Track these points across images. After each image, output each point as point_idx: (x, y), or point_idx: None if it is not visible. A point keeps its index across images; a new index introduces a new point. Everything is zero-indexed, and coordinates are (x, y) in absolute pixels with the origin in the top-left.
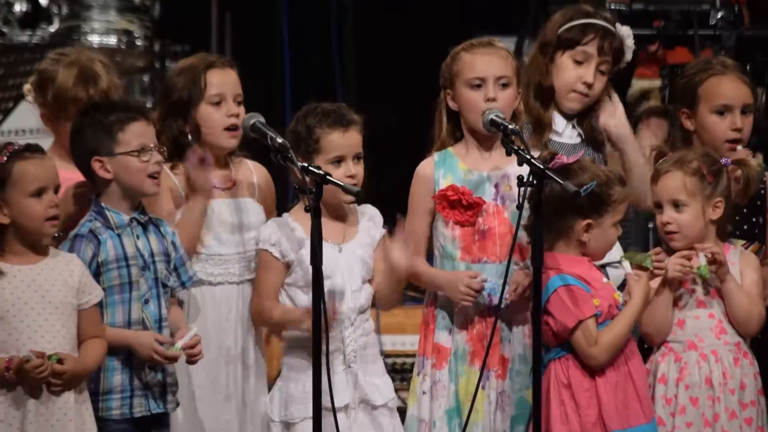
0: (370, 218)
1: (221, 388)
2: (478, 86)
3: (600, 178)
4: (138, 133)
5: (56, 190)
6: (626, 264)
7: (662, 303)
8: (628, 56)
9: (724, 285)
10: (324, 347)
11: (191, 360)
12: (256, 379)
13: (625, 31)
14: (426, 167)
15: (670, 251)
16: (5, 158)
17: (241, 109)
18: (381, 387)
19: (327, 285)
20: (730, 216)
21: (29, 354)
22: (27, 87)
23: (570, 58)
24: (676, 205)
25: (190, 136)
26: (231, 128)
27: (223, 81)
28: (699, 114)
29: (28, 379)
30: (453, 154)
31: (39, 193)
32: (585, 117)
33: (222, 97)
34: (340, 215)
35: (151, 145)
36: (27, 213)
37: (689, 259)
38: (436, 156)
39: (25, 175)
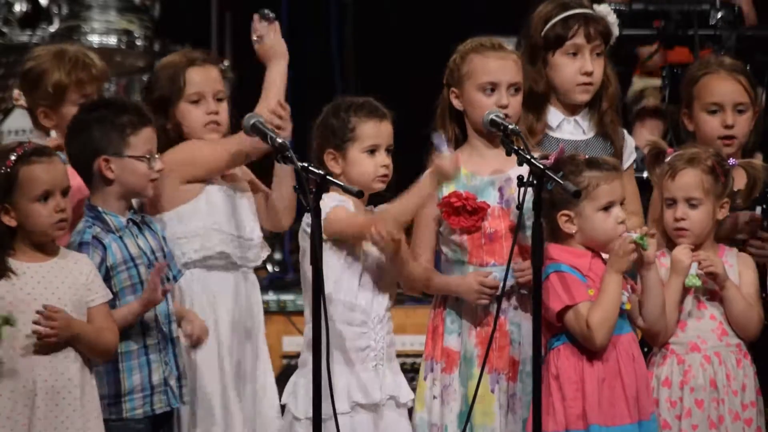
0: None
1: (223, 396)
2: (491, 91)
3: (565, 169)
4: (147, 139)
5: (65, 193)
6: (634, 236)
7: (672, 296)
8: (615, 31)
9: (724, 292)
10: (324, 347)
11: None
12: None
13: (604, 10)
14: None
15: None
16: (12, 163)
17: (222, 106)
18: (404, 385)
19: (360, 278)
20: (727, 218)
21: None
22: (16, 92)
23: (562, 54)
24: (691, 202)
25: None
26: (210, 124)
27: (203, 79)
28: (694, 113)
29: None
30: None
31: (45, 197)
32: (593, 107)
33: (201, 96)
34: (368, 206)
35: (155, 152)
36: (33, 217)
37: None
38: None
39: (30, 180)
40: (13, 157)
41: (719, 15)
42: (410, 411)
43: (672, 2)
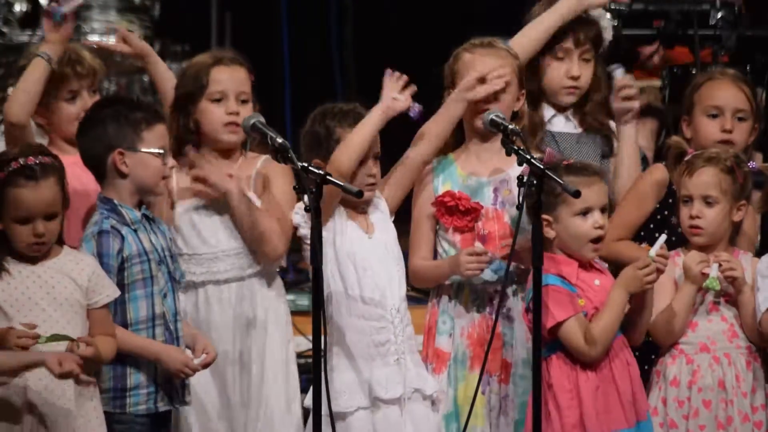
0: (376, 206)
1: (220, 387)
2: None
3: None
4: (161, 135)
5: (50, 217)
6: (655, 247)
7: (684, 303)
8: (607, 36)
9: (740, 296)
10: (323, 348)
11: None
12: (270, 386)
13: (598, 14)
14: (426, 175)
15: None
16: (4, 175)
17: (245, 108)
18: (428, 377)
19: (368, 272)
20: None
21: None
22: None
23: (551, 57)
24: (707, 201)
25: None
26: (230, 125)
27: (227, 78)
28: (694, 118)
29: (10, 347)
30: (452, 160)
31: (25, 220)
32: (581, 108)
33: (223, 95)
34: (361, 208)
35: (168, 149)
36: (11, 234)
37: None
38: (435, 163)
39: (14, 202)
40: (6, 171)
41: (719, 15)
42: None
43: (672, 2)
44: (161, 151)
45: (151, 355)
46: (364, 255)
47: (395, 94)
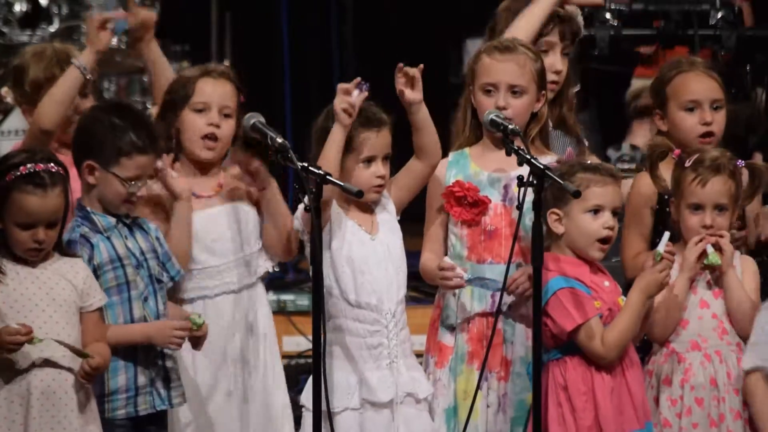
0: (384, 207)
1: (224, 396)
2: (490, 92)
3: (561, 169)
4: (140, 165)
5: (52, 224)
6: (661, 245)
7: (680, 293)
8: (581, 32)
9: (725, 279)
10: (322, 348)
11: (195, 343)
12: (267, 385)
13: (574, 10)
14: (440, 168)
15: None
16: (12, 178)
17: (227, 122)
18: (422, 380)
19: (366, 276)
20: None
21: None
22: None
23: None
24: (719, 208)
25: (174, 141)
26: (208, 138)
27: (212, 91)
28: (669, 113)
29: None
30: (468, 155)
31: (27, 226)
32: (554, 105)
33: (206, 106)
34: (368, 207)
35: (145, 178)
36: (11, 237)
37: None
38: (450, 156)
39: (18, 207)
40: (14, 175)
41: (719, 15)
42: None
43: (672, 2)
44: (130, 182)
45: (143, 338)
46: (363, 258)
47: (344, 105)
